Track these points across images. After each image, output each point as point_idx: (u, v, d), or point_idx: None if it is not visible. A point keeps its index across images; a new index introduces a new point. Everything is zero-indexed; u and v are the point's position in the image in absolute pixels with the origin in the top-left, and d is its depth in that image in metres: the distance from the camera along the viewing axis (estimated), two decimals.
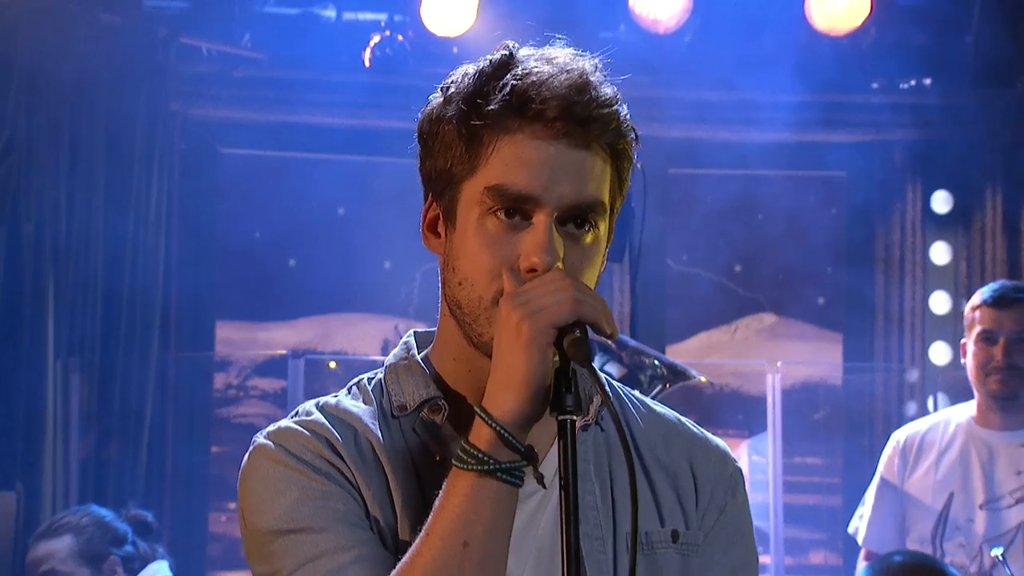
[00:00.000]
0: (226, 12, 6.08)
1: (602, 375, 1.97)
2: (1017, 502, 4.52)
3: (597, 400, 1.98)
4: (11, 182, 5.69)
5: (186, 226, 6.23)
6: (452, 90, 1.91)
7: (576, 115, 1.84)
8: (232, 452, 6.53)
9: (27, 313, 5.69)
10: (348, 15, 6.12)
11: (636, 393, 2.12)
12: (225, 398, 6.62)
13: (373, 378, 2.02)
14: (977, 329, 4.56)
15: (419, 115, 1.97)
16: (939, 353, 6.36)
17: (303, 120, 6.25)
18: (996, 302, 4.56)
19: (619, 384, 2.12)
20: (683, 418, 2.10)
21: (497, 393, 1.75)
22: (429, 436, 1.92)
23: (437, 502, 1.77)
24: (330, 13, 6.11)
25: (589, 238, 1.88)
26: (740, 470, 2.09)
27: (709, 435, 2.10)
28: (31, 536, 4.81)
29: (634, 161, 1.95)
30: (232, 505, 6.52)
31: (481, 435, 1.75)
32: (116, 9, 5.89)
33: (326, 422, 1.93)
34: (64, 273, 5.78)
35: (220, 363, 6.58)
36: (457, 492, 1.75)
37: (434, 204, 1.95)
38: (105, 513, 4.68)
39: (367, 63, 6.02)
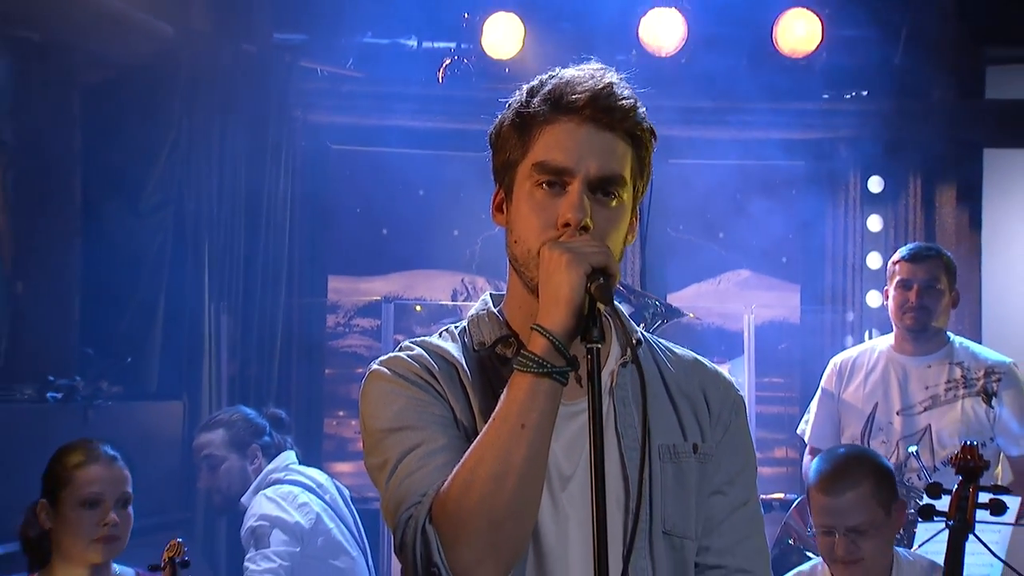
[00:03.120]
0: (335, 43, 6.09)
1: (635, 326, 2.04)
2: (925, 409, 4.54)
3: (633, 342, 1.94)
4: (177, 170, 5.73)
5: (305, 203, 6.23)
6: (511, 103, 1.94)
7: (600, 105, 1.85)
8: (341, 374, 6.56)
9: (189, 268, 5.73)
10: (426, 44, 6.12)
11: (663, 341, 2.10)
12: (335, 333, 6.56)
13: (459, 326, 2.02)
14: (897, 278, 4.56)
15: (490, 129, 1.98)
16: (873, 299, 6.32)
17: (392, 123, 6.18)
18: (912, 258, 4.57)
19: (651, 335, 2.10)
20: (699, 357, 2.09)
21: (548, 311, 1.75)
22: (501, 364, 1.92)
23: (502, 396, 1.77)
24: (412, 43, 6.12)
25: (614, 203, 1.86)
26: (742, 398, 2.07)
27: (720, 370, 2.08)
28: (195, 430, 4.85)
29: (652, 150, 1.94)
30: (341, 412, 6.54)
31: (538, 344, 1.74)
32: (253, 40, 5.93)
33: (425, 353, 1.94)
34: (216, 238, 5.82)
35: (331, 307, 6.52)
36: (519, 388, 1.74)
37: (500, 190, 1.96)
38: (249, 412, 4.70)
39: (440, 80, 6.02)
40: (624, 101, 1.87)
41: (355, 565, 4.58)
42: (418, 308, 6.49)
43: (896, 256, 4.67)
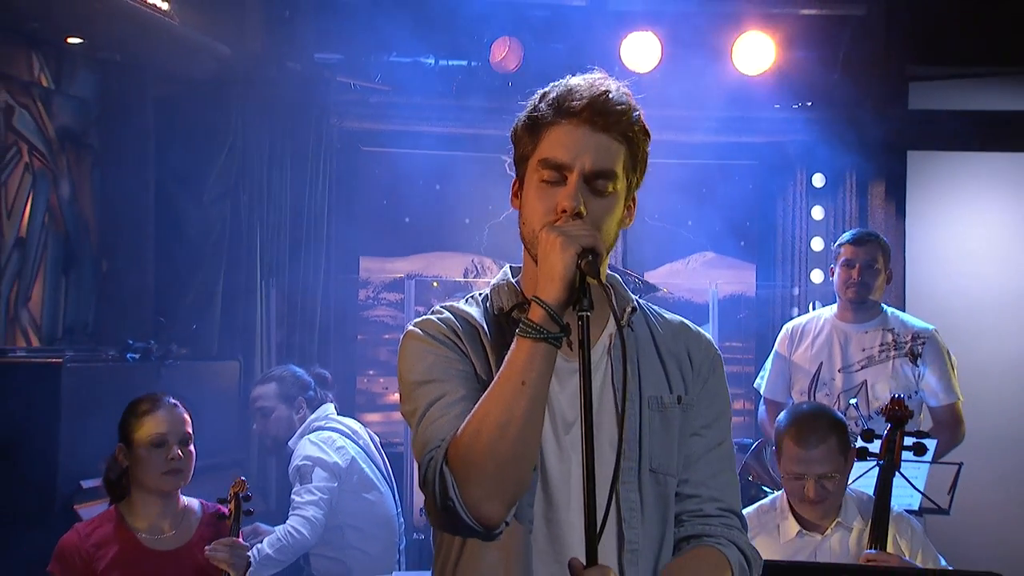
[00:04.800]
0: (365, 61, 6.01)
1: (631, 295, 2.02)
2: (862, 368, 4.53)
3: (629, 309, 1.95)
4: (233, 169, 5.70)
5: (340, 196, 6.19)
6: (526, 107, 1.94)
7: (596, 109, 1.84)
8: (370, 339, 6.53)
9: (244, 250, 5.72)
10: (442, 62, 6.05)
11: (655, 307, 2.08)
12: (365, 305, 6.50)
13: (482, 293, 2.02)
14: (842, 258, 4.56)
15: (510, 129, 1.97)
16: (816, 276, 6.32)
17: (414, 129, 6.11)
18: (855, 241, 4.56)
19: (645, 303, 2.07)
20: (685, 320, 2.07)
21: (545, 285, 1.75)
22: (517, 327, 1.86)
23: (506, 358, 1.76)
24: (430, 60, 6.03)
25: (607, 194, 1.85)
26: (719, 355, 2.05)
27: (701, 330, 2.07)
28: (251, 385, 4.88)
29: (646, 147, 1.91)
30: (371, 371, 6.49)
31: (536, 314, 1.74)
32: (297, 59, 5.88)
33: (452, 317, 1.95)
34: (266, 226, 5.78)
35: (362, 283, 6.46)
36: (521, 351, 1.74)
37: (516, 180, 1.95)
38: (298, 369, 4.73)
39: (454, 91, 6.00)
40: (618, 106, 1.86)
41: (383, 499, 4.60)
42: (435, 284, 6.47)
43: (841, 239, 4.67)
